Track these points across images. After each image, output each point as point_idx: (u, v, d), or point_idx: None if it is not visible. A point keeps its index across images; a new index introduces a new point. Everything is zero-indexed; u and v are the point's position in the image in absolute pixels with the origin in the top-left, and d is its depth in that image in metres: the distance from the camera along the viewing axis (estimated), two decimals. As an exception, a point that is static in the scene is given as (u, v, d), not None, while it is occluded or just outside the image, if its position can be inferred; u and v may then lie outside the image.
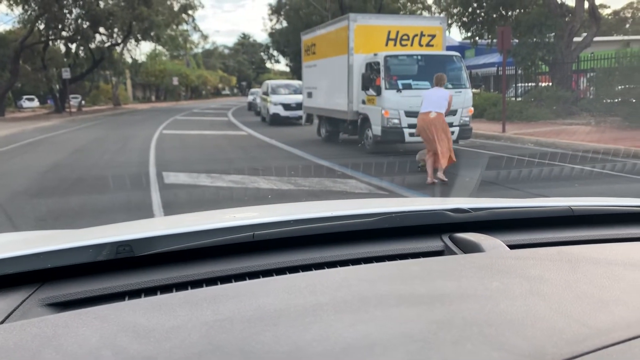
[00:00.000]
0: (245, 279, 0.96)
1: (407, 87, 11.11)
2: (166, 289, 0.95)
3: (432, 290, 0.80)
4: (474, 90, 11.89)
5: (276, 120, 21.41)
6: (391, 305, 0.74)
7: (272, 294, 0.82)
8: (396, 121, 10.92)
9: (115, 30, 36.64)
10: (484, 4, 21.93)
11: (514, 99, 21.21)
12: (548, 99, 18.66)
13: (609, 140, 12.06)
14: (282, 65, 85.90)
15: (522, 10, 21.53)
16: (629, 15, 59.85)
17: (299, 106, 19.54)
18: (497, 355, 0.59)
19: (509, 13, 22.03)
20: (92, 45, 36.57)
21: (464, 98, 11.24)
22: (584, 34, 20.34)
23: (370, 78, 11.45)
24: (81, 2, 32.86)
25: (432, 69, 11.51)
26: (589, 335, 0.63)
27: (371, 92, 11.41)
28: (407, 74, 11.34)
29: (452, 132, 11.05)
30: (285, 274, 0.97)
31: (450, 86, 11.31)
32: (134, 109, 43.59)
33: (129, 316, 0.75)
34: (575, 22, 19.36)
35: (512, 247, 1.08)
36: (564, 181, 8.29)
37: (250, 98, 33.73)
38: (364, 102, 11.88)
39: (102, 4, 34.46)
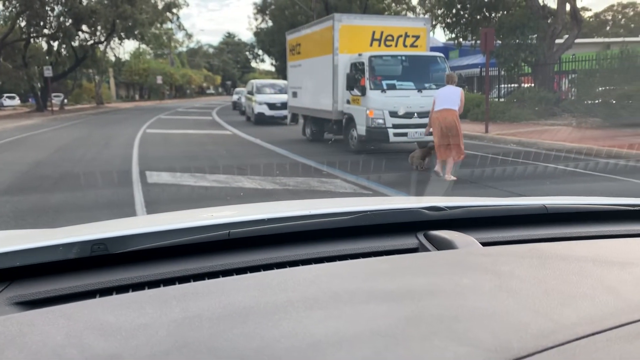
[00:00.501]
0: (219, 277, 0.96)
1: (392, 87, 11.17)
2: (138, 287, 0.94)
3: (403, 287, 0.81)
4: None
5: (261, 120, 21.37)
6: (361, 302, 0.75)
7: (243, 291, 0.82)
8: (381, 121, 10.97)
9: (99, 28, 36.25)
10: (468, 6, 22.10)
11: (497, 99, 21.42)
12: (530, 100, 18.88)
13: (589, 140, 12.24)
14: (268, 64, 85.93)
15: (505, 12, 21.74)
16: (610, 17, 60.80)
17: (284, 106, 19.52)
18: (463, 350, 0.60)
19: (492, 15, 22.23)
20: (75, 43, 36.14)
21: (448, 98, 11.29)
22: (566, 36, 20.61)
23: (355, 78, 11.49)
24: (63, 0, 32.46)
25: (416, 70, 11.63)
26: (554, 330, 0.64)
27: (356, 92, 11.45)
28: (391, 74, 11.40)
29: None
30: (260, 271, 0.97)
31: (434, 86, 11.41)
32: (117, 107, 43.16)
33: (96, 314, 0.75)
34: (557, 24, 19.61)
35: (485, 244, 1.09)
36: (541, 180, 8.42)
37: (235, 97, 33.60)
38: (348, 102, 11.91)
39: (84, 1, 34.08)
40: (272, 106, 21.55)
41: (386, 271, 0.90)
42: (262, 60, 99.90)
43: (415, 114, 11.01)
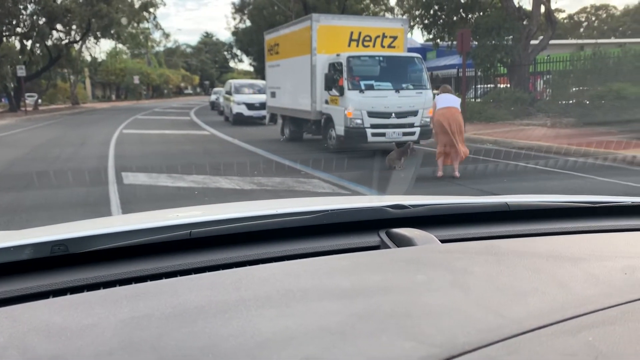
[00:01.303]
0: (176, 277, 0.95)
1: (370, 87, 11.22)
2: (93, 287, 0.93)
3: (357, 284, 0.81)
4: (434, 91, 12.10)
5: (239, 120, 21.27)
6: (314, 300, 0.75)
7: (195, 291, 0.81)
8: (359, 121, 11.01)
9: (74, 27, 35.66)
10: (445, 7, 22.34)
11: (473, 100, 21.68)
12: (506, 100, 19.14)
13: (562, 139, 12.48)
14: (246, 64, 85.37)
15: (481, 14, 22.03)
16: (583, 19, 62.04)
17: (262, 106, 19.46)
18: (409, 345, 0.61)
19: (469, 16, 22.50)
20: (49, 43, 35.47)
21: (425, 99, 11.42)
22: (541, 37, 20.96)
23: (333, 78, 11.51)
24: (36, -2, 31.88)
25: (394, 70, 11.70)
26: (501, 325, 0.65)
27: (334, 92, 11.47)
28: (369, 74, 11.45)
29: (414, 133, 11.31)
30: (218, 271, 0.97)
31: (411, 87, 11.51)
32: (93, 108, 42.51)
33: (43, 315, 0.74)
34: (532, 25, 19.92)
35: (444, 241, 1.10)
36: (512, 177, 8.68)
37: (213, 97, 33.36)
38: (327, 102, 11.93)
39: (59, 0, 33.48)
40: (250, 106, 21.47)
41: (343, 269, 0.91)
42: (241, 60, 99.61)
43: (393, 114, 11.09)
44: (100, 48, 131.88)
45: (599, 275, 0.84)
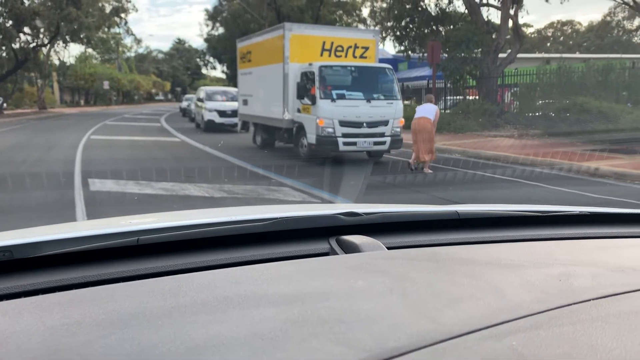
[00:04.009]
0: (117, 284, 0.94)
1: (341, 97, 11.30)
2: (30, 294, 0.91)
3: (297, 290, 0.82)
4: (405, 102, 12.29)
5: (211, 127, 21.13)
6: (251, 306, 0.76)
7: (132, 297, 0.81)
8: (331, 130, 11.08)
9: (42, 30, 34.92)
10: (416, 19, 22.70)
11: (443, 111, 22.01)
12: (475, 111, 19.51)
13: (528, 150, 12.78)
14: (219, 71, 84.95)
15: (451, 27, 22.46)
16: (550, 34, 63.76)
17: (234, 113, 19.39)
18: (338, 350, 0.61)
19: (440, 29, 22.91)
20: (16, 45, 34.64)
21: (395, 109, 11.56)
22: (509, 51, 21.47)
23: (305, 87, 11.57)
24: (3, 0, 31.10)
25: (365, 80, 11.82)
26: (431, 330, 0.66)
27: (306, 101, 11.52)
28: (341, 84, 11.54)
29: (384, 142, 11.44)
30: (159, 278, 0.96)
31: (382, 97, 11.64)
32: (61, 113, 41.58)
33: None
34: (501, 39, 20.41)
35: (391, 248, 1.11)
36: (474, 186, 8.96)
37: (184, 104, 33.07)
38: (299, 111, 11.96)
39: (26, 2, 32.75)
40: (222, 113, 21.36)
41: (285, 275, 0.91)
42: (213, 68, 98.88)
43: (364, 124, 11.19)
44: (70, 52, 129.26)
45: (535, 282, 0.86)
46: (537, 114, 17.83)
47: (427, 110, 10.34)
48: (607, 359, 0.60)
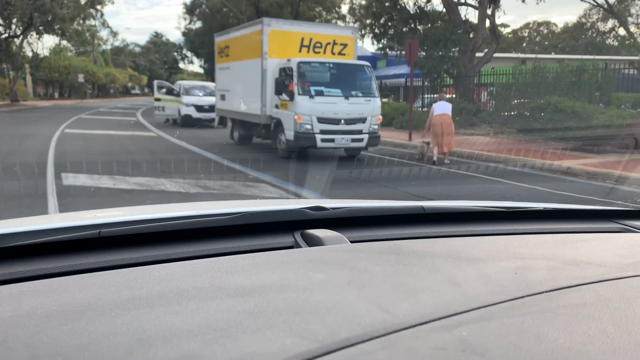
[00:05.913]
0: (72, 276, 0.93)
1: (320, 93, 11.30)
2: None
3: (255, 283, 0.82)
4: (383, 99, 12.37)
5: (188, 122, 20.92)
6: (207, 298, 0.76)
7: (86, 289, 0.80)
8: (309, 127, 11.07)
9: (14, 21, 34.12)
10: (394, 17, 22.79)
11: (421, 109, 22.19)
12: (452, 110, 19.65)
13: (502, 149, 12.97)
14: (196, 66, 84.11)
15: (429, 25, 22.61)
16: (526, 34, 64.70)
17: (212, 108, 19.22)
18: (290, 341, 0.62)
19: (418, 27, 23.05)
20: (-13, 36, 33.84)
21: (373, 107, 11.61)
22: (486, 50, 21.71)
23: (283, 83, 11.53)
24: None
25: (344, 77, 11.84)
26: (384, 321, 0.67)
27: (284, 97, 11.49)
28: (319, 80, 11.54)
29: (362, 140, 11.48)
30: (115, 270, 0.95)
31: (360, 94, 11.68)
32: (35, 105, 40.70)
33: None
34: (478, 38, 20.62)
35: (354, 241, 1.12)
36: (443, 182, 9.17)
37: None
38: (277, 107, 11.93)
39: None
40: (199, 108, 21.17)
41: (244, 268, 0.91)
42: (191, 62, 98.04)
43: (342, 121, 11.22)
44: (44, 44, 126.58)
45: (491, 275, 0.88)
46: (512, 113, 18.06)
47: (447, 107, 11.66)
48: (551, 348, 0.62)
